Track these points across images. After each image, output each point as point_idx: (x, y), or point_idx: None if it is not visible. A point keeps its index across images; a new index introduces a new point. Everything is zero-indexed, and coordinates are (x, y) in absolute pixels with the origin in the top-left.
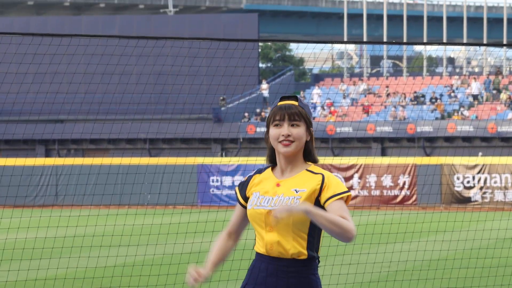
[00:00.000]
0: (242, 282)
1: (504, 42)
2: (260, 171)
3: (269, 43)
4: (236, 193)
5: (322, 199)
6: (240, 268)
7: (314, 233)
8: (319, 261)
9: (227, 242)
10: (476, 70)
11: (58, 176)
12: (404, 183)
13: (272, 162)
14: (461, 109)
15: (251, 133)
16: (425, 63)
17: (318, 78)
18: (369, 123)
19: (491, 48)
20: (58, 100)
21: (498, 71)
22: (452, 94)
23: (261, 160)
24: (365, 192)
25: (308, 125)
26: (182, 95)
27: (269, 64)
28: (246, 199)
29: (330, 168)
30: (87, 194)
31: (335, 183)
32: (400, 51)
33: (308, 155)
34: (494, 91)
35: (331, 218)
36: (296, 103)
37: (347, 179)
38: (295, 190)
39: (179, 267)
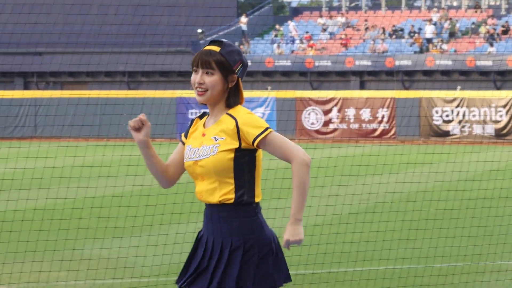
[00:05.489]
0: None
1: None
2: (202, 115)
3: None
4: (181, 137)
5: (248, 142)
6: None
7: (243, 179)
8: (256, 206)
9: (165, 166)
10: (455, 3)
11: (37, 107)
12: (383, 117)
13: None
14: (440, 42)
15: None
16: None
17: (296, 12)
18: (348, 56)
19: None
20: (37, 32)
21: (477, 5)
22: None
23: None
24: (344, 126)
25: (227, 73)
26: (161, 27)
27: None
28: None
29: (309, 101)
30: (66, 125)
31: (249, 124)
32: None
33: (228, 99)
34: (473, 25)
35: (300, 198)
36: (217, 49)
37: (326, 112)
38: (215, 138)
39: (158, 198)
